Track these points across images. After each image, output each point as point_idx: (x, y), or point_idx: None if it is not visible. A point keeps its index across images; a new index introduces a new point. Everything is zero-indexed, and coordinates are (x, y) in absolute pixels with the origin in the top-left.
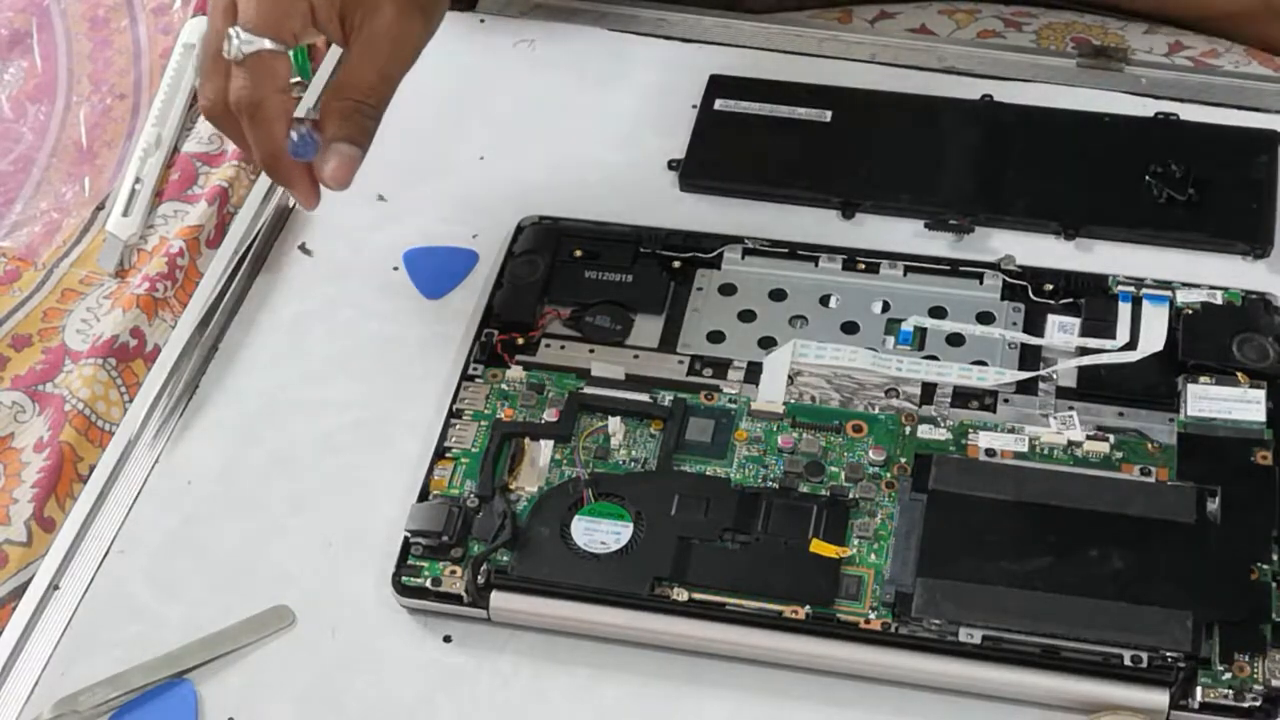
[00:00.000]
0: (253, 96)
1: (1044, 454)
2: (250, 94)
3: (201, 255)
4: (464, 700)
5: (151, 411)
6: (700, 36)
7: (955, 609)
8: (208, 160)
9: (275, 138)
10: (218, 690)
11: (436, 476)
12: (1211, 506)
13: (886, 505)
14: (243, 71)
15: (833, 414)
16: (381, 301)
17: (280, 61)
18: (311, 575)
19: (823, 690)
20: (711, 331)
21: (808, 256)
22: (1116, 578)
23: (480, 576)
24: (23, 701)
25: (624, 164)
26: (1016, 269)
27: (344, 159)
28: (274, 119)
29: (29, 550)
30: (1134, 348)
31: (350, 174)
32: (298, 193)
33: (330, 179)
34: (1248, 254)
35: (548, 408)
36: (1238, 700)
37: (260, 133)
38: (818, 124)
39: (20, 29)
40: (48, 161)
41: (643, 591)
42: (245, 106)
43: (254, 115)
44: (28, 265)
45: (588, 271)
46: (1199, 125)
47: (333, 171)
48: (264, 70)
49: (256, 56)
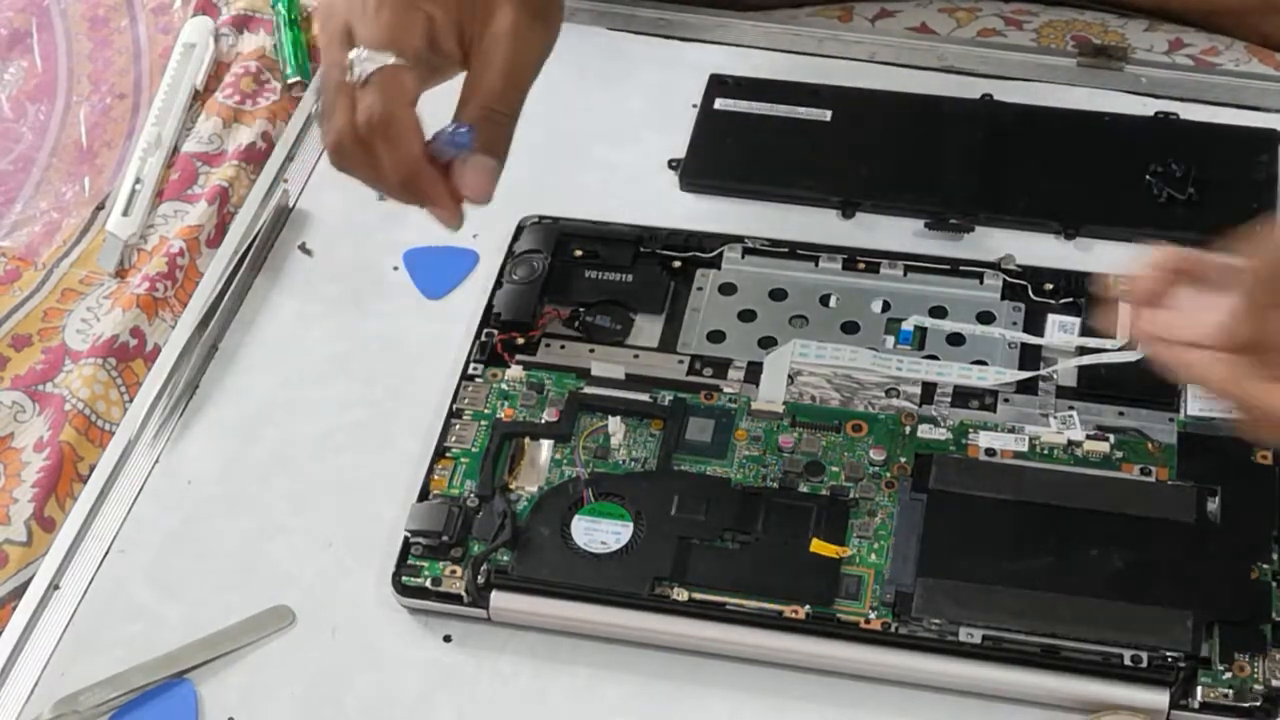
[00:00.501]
0: (384, 113)
1: (1044, 454)
2: (381, 110)
3: (201, 255)
4: (464, 700)
5: (151, 411)
6: (700, 36)
7: (955, 609)
8: (208, 160)
9: (412, 154)
10: (218, 690)
11: (436, 476)
12: (1211, 506)
13: (886, 505)
14: (369, 91)
15: (833, 414)
16: (381, 301)
17: (407, 76)
18: (311, 575)
19: (823, 690)
20: (711, 331)
21: (808, 256)
22: (1116, 578)
23: (480, 576)
24: (23, 701)
25: (624, 164)
26: (1016, 269)
27: (484, 170)
28: (408, 133)
29: (29, 550)
30: (1134, 347)
31: (491, 186)
32: (439, 210)
33: (471, 192)
34: None
35: (548, 407)
36: (1238, 700)
37: (396, 151)
38: (818, 124)
39: (20, 29)
40: (48, 161)
41: (643, 591)
42: (378, 124)
43: (387, 132)
44: (28, 265)
45: (588, 271)
46: (1199, 125)
47: (474, 183)
48: (392, 85)
49: (382, 73)
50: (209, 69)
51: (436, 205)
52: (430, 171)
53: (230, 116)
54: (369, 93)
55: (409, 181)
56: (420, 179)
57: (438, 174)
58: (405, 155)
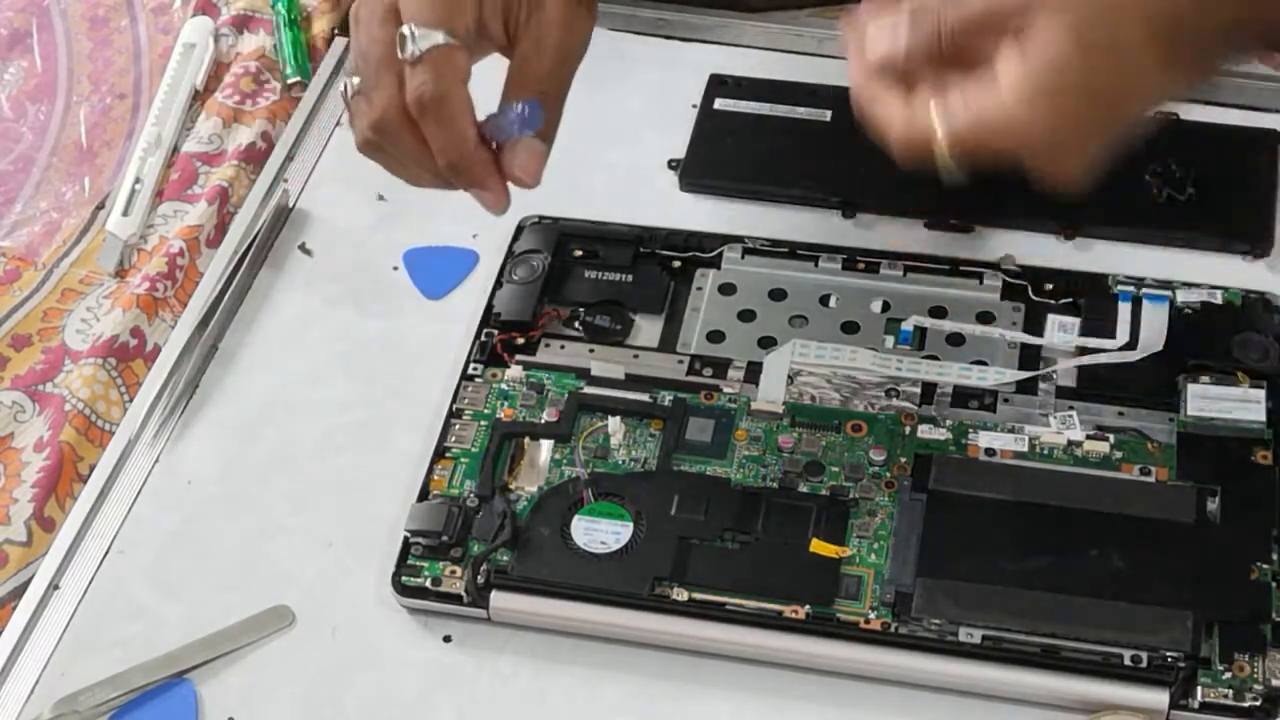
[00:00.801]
0: (437, 91)
1: (1044, 454)
2: (434, 89)
3: (201, 255)
4: (464, 700)
5: (151, 411)
6: (700, 36)
7: (955, 609)
8: (208, 160)
9: (467, 134)
10: (218, 690)
11: (436, 476)
12: (1211, 506)
13: (886, 505)
14: (422, 69)
15: (833, 414)
16: (381, 301)
17: (459, 55)
18: (311, 575)
19: (823, 690)
20: (711, 331)
21: (808, 256)
22: (1116, 578)
23: (480, 576)
24: (23, 701)
25: (624, 164)
26: (1016, 269)
27: (533, 152)
28: (462, 113)
29: (29, 550)
30: (1134, 347)
31: (540, 168)
32: (489, 193)
33: (522, 173)
34: (1248, 254)
35: (548, 408)
36: (1238, 700)
37: (449, 130)
38: (818, 124)
39: (20, 29)
40: (48, 161)
41: (643, 591)
42: (430, 103)
43: (440, 111)
44: (28, 265)
45: (588, 271)
46: (1199, 125)
47: (523, 165)
48: (446, 63)
49: (436, 50)
50: (209, 69)
51: (485, 188)
52: (482, 153)
53: (230, 116)
54: (421, 70)
55: (460, 163)
56: (472, 161)
57: (489, 155)
58: (459, 135)
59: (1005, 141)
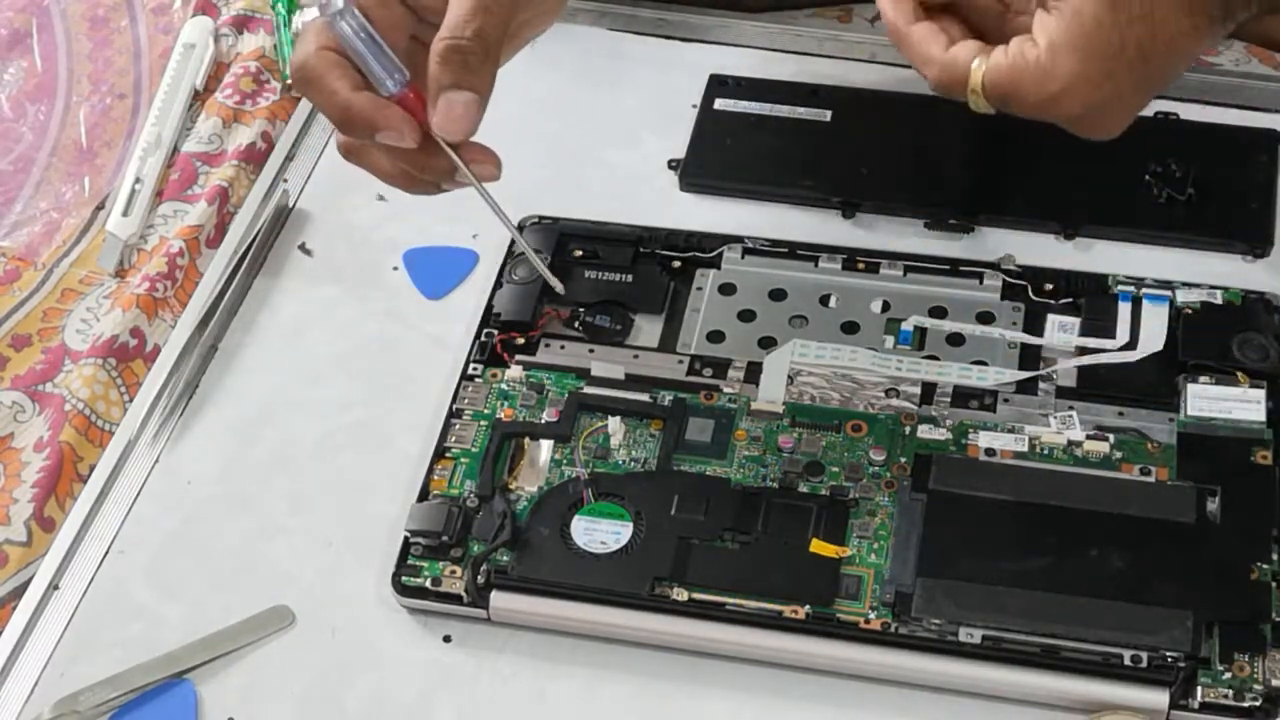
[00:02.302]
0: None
1: (1044, 454)
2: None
3: (201, 255)
4: (464, 700)
5: (151, 411)
6: (700, 36)
7: (955, 609)
8: (208, 160)
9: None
10: (218, 690)
11: (436, 476)
12: (1211, 506)
13: (886, 505)
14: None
15: (833, 414)
16: (381, 301)
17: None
18: (311, 575)
19: (823, 690)
20: (711, 331)
21: (808, 256)
22: (1116, 578)
23: (480, 576)
24: (23, 701)
25: (624, 164)
26: (1016, 269)
27: (449, 104)
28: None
29: (29, 550)
30: (1134, 347)
31: (463, 120)
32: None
33: (438, 127)
34: (1248, 254)
35: (548, 408)
36: (1238, 700)
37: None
38: (818, 124)
39: (20, 29)
40: (48, 161)
41: (643, 591)
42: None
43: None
44: (28, 265)
45: (588, 271)
46: (1199, 125)
47: (440, 120)
48: (310, 34)
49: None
50: (209, 69)
51: (385, 129)
52: (362, 101)
53: (230, 116)
54: (295, 48)
55: (341, 117)
56: (350, 113)
57: (381, 101)
58: (327, 93)
59: (1040, 95)
